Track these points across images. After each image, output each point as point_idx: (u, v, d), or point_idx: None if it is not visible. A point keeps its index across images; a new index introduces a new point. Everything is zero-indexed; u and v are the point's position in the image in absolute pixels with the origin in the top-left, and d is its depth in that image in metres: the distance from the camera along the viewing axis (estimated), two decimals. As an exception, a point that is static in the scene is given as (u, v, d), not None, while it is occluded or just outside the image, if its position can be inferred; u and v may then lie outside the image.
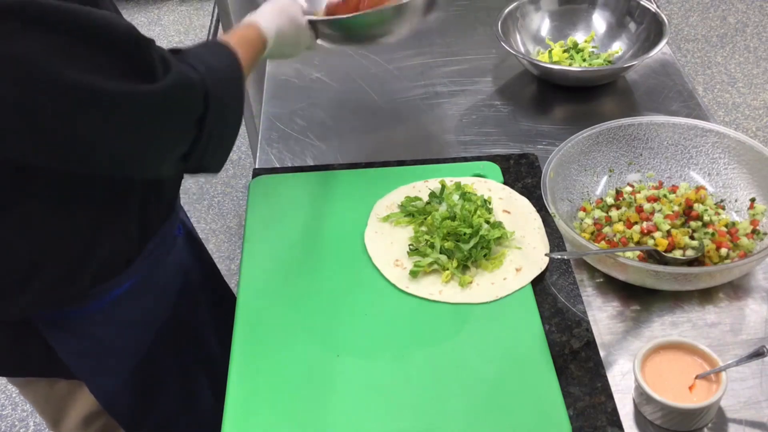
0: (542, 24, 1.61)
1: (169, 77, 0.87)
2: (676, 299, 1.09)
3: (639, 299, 1.09)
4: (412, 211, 1.22)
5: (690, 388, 0.93)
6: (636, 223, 1.14)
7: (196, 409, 1.30)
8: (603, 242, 1.14)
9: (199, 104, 0.91)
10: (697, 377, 0.93)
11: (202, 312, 1.28)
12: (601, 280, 1.13)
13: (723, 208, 1.19)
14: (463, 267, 1.13)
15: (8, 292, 1.01)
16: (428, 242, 1.15)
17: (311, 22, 1.20)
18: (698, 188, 1.20)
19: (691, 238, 1.12)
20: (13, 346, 1.12)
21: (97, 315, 1.09)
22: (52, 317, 1.07)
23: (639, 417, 0.96)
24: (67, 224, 0.99)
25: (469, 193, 1.22)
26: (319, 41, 1.25)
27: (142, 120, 0.86)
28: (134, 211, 1.05)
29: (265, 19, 1.12)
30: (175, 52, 0.94)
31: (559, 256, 1.13)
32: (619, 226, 1.14)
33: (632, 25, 1.56)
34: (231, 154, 1.03)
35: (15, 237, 0.97)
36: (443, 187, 1.23)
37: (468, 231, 1.14)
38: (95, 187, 0.99)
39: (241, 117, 1.01)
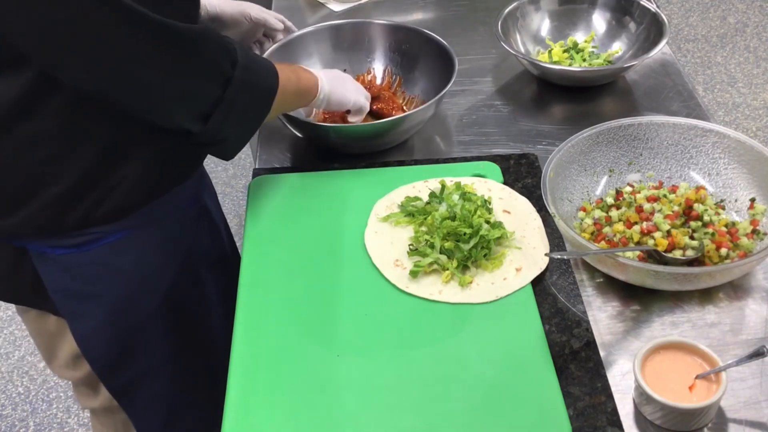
0: (542, 24, 1.61)
1: (206, 28, 0.98)
2: (676, 299, 1.09)
3: (639, 299, 1.09)
4: (412, 211, 1.22)
5: (690, 388, 0.93)
6: (636, 223, 1.14)
7: (187, 391, 1.31)
8: (603, 242, 1.14)
9: (228, 66, 1.00)
10: (697, 377, 0.93)
11: (205, 292, 1.27)
12: (601, 280, 1.13)
13: (723, 208, 1.19)
14: (463, 267, 1.13)
15: (3, 209, 1.04)
16: (428, 242, 1.15)
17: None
18: (698, 188, 1.20)
19: (691, 238, 1.12)
20: (9, 271, 1.15)
21: (88, 256, 1.11)
22: (46, 250, 1.09)
23: (639, 417, 0.96)
24: (72, 150, 1.01)
25: (469, 193, 1.22)
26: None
27: (172, 49, 0.94)
28: (139, 158, 1.06)
29: (324, 74, 1.26)
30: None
31: (559, 256, 1.13)
32: (619, 226, 1.14)
33: (632, 25, 1.56)
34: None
35: (19, 154, 1.00)
36: (443, 187, 1.23)
37: (468, 231, 1.14)
38: (104, 123, 1.01)
39: (263, 113, 1.10)
